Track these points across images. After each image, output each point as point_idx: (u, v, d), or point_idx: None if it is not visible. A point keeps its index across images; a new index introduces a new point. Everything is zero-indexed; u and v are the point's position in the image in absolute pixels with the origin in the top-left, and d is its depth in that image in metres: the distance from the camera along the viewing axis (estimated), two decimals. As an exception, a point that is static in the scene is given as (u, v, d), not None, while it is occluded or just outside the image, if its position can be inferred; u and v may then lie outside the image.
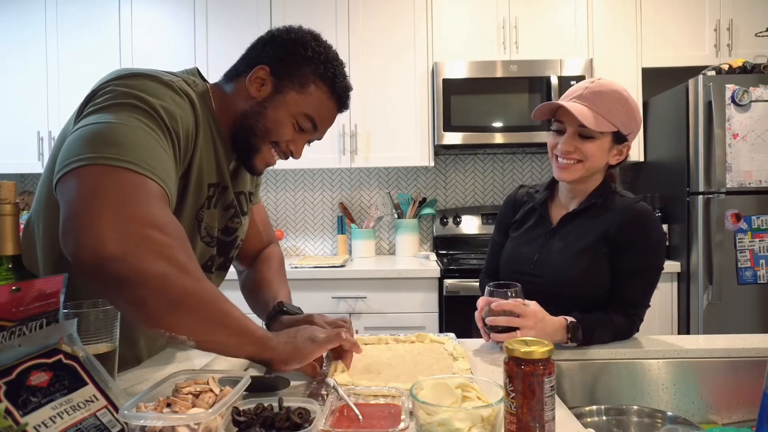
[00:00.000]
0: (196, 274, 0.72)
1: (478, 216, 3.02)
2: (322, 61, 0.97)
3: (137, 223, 0.67)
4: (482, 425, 0.62)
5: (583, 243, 1.20)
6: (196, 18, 2.77)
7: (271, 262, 1.24)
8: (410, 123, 2.77)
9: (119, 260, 0.64)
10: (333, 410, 0.73)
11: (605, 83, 1.18)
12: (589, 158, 1.18)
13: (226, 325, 0.76)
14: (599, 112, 1.15)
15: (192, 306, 0.71)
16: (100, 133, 0.73)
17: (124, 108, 0.78)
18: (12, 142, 2.85)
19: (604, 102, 1.15)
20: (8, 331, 0.58)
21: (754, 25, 2.70)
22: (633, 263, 1.17)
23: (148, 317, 0.69)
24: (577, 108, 1.15)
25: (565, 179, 1.22)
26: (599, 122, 1.15)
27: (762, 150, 2.33)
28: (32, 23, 2.83)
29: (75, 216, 0.67)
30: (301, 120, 0.98)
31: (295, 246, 3.17)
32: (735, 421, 1.07)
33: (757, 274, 2.32)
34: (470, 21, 2.74)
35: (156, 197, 0.72)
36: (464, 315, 2.38)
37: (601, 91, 1.16)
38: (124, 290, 0.66)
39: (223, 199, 1.03)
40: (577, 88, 1.20)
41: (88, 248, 0.64)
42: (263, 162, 1.01)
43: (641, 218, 1.19)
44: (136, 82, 0.82)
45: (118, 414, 0.62)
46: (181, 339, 0.72)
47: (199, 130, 0.91)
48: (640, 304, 1.20)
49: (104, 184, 0.69)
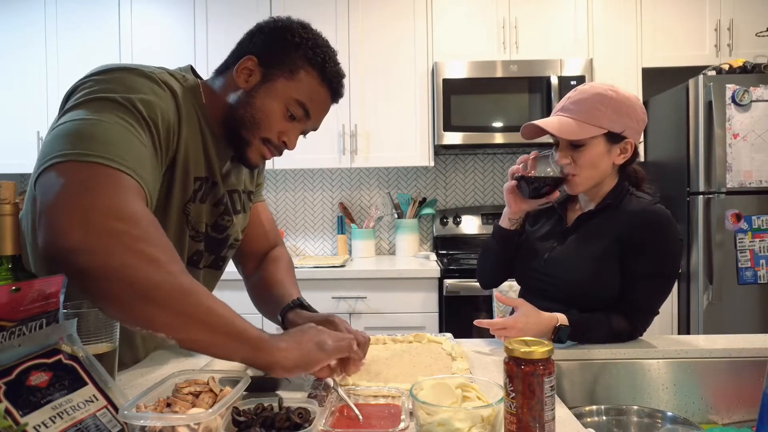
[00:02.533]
0: (167, 266, 0.68)
1: (478, 216, 3.02)
2: (310, 47, 0.95)
3: (103, 215, 0.66)
4: (482, 425, 0.62)
5: (595, 246, 1.18)
6: (196, 16, 2.77)
7: (280, 263, 1.20)
8: (410, 123, 2.77)
9: (81, 252, 0.63)
10: (333, 410, 0.73)
11: (585, 88, 1.17)
12: (584, 168, 1.16)
13: (207, 322, 0.69)
14: (582, 118, 1.14)
15: (161, 299, 0.66)
16: (75, 130, 0.73)
17: (101, 103, 0.77)
18: (12, 142, 2.85)
19: (586, 107, 1.14)
20: (8, 331, 0.58)
21: (754, 25, 2.70)
22: (643, 267, 1.14)
23: (119, 311, 0.67)
24: (552, 121, 1.16)
25: (575, 192, 1.22)
26: (581, 129, 1.13)
27: (762, 150, 2.33)
28: (31, 23, 2.83)
29: (44, 210, 0.67)
30: (292, 107, 0.96)
31: (295, 246, 3.17)
32: (735, 421, 1.07)
33: (757, 274, 2.32)
34: (470, 21, 2.74)
35: (127, 190, 0.71)
36: (464, 315, 2.40)
37: (581, 98, 1.16)
38: (89, 283, 0.64)
39: (212, 195, 1.01)
40: (561, 101, 1.21)
41: (53, 241, 0.64)
42: (257, 155, 0.99)
43: (656, 221, 1.15)
44: (114, 75, 0.82)
45: (118, 414, 0.62)
46: (161, 336, 0.68)
47: (182, 122, 0.90)
48: (646, 310, 1.17)
49: (74, 178, 0.68)
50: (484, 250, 1.37)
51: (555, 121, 1.16)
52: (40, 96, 2.83)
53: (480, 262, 1.40)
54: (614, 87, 1.16)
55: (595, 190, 1.22)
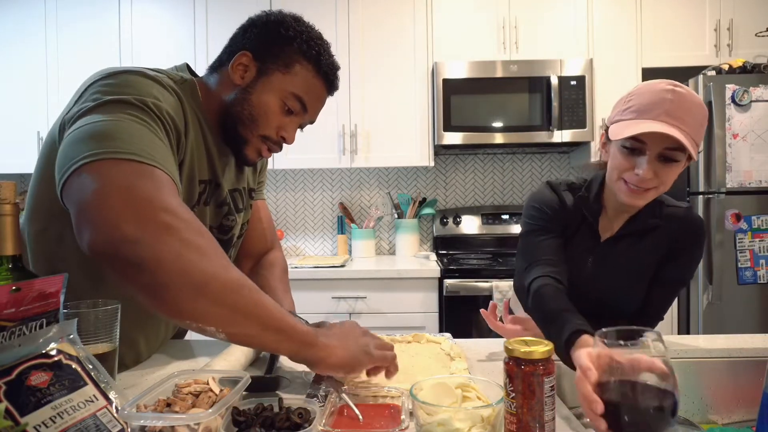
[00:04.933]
0: (219, 259, 0.68)
1: (478, 216, 3.02)
2: (305, 40, 0.95)
3: (151, 207, 0.65)
4: (482, 425, 0.62)
5: (632, 265, 1.11)
6: (196, 13, 2.78)
7: (275, 269, 1.18)
8: (410, 123, 2.77)
9: (135, 242, 0.62)
10: (333, 410, 0.73)
11: (688, 95, 0.95)
12: (665, 184, 1.00)
13: (258, 316, 0.69)
14: (690, 132, 0.94)
15: (215, 292, 0.65)
16: (96, 132, 0.72)
17: (114, 105, 0.76)
18: (12, 142, 2.85)
19: (694, 119, 0.95)
20: (8, 331, 0.58)
21: (754, 25, 2.70)
22: (670, 274, 1.10)
23: (169, 304, 0.65)
24: (674, 133, 0.93)
25: (637, 205, 1.05)
26: (692, 146, 0.94)
27: (762, 150, 2.33)
28: (31, 21, 2.83)
29: (87, 207, 0.65)
30: (289, 101, 0.96)
31: (295, 246, 3.17)
32: (735, 421, 1.07)
33: (757, 274, 2.32)
34: (470, 21, 2.74)
35: (164, 184, 0.71)
36: (464, 315, 2.40)
37: (691, 109, 0.95)
38: (142, 275, 0.63)
39: (215, 197, 1.01)
40: (656, 101, 0.95)
41: (103, 233, 0.63)
42: (255, 152, 0.99)
43: (699, 228, 1.10)
44: (122, 79, 0.81)
45: (118, 414, 0.62)
46: (210, 331, 0.67)
47: (188, 127, 0.90)
48: (655, 317, 1.15)
49: (111, 176, 0.67)
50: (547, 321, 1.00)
51: (683, 138, 0.93)
52: (40, 96, 2.83)
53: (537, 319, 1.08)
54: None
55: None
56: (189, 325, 0.67)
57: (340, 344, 0.78)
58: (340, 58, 1.02)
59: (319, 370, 0.78)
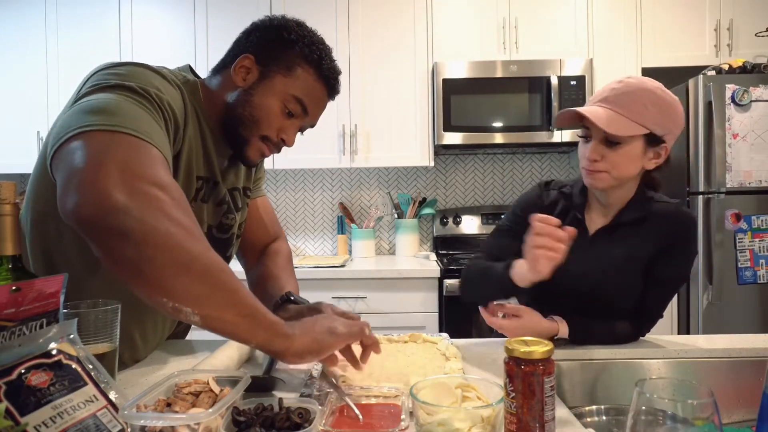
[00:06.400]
0: (203, 241, 0.68)
1: (478, 216, 3.02)
2: (306, 44, 0.97)
3: (142, 179, 0.65)
4: (482, 425, 0.62)
5: (621, 259, 1.13)
6: (197, 15, 2.77)
7: (278, 257, 1.20)
8: (410, 123, 2.77)
9: (124, 212, 0.61)
10: (333, 410, 0.73)
11: (633, 82, 1.05)
12: (616, 167, 1.07)
13: (235, 301, 0.69)
14: (627, 114, 1.03)
15: (198, 272, 0.65)
16: (95, 106, 0.73)
17: (117, 89, 0.78)
18: (12, 142, 2.85)
19: (633, 103, 1.03)
20: (8, 331, 0.58)
21: (754, 25, 2.70)
22: (664, 272, 1.12)
23: (150, 279, 0.63)
24: (599, 113, 1.03)
25: (595, 187, 1.12)
26: (626, 126, 1.02)
27: (762, 150, 2.33)
28: (31, 23, 2.83)
29: (78, 173, 0.64)
30: (290, 104, 0.97)
31: (295, 246, 3.17)
32: (735, 421, 1.07)
33: (757, 274, 2.32)
34: (470, 21, 2.74)
35: (157, 159, 0.71)
36: (464, 315, 2.40)
37: (629, 91, 1.04)
38: (126, 246, 0.61)
39: (214, 195, 1.02)
40: (603, 90, 1.08)
41: (92, 200, 0.62)
42: (256, 152, 1.00)
43: (687, 227, 1.13)
44: (126, 69, 0.83)
45: (118, 414, 0.62)
46: (185, 312, 0.65)
47: (188, 121, 0.91)
48: (655, 315, 1.16)
49: (108, 144, 0.67)
50: (484, 275, 1.14)
51: (602, 114, 1.03)
52: (40, 96, 2.83)
53: (473, 285, 1.20)
54: (662, 86, 1.07)
55: (616, 194, 1.14)
56: (165, 303, 0.64)
57: (302, 331, 0.77)
58: (341, 57, 1.04)
59: (287, 359, 0.76)
